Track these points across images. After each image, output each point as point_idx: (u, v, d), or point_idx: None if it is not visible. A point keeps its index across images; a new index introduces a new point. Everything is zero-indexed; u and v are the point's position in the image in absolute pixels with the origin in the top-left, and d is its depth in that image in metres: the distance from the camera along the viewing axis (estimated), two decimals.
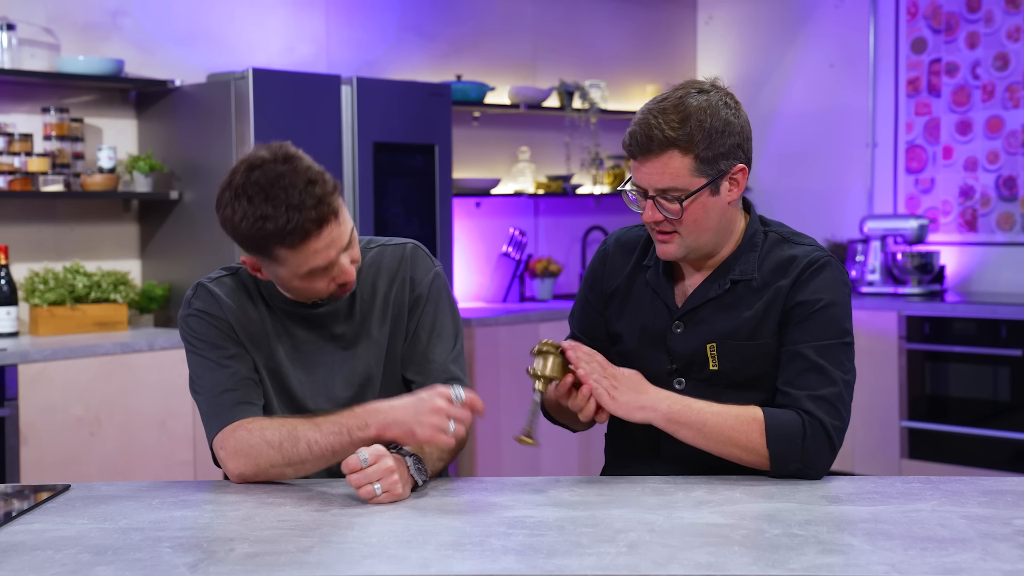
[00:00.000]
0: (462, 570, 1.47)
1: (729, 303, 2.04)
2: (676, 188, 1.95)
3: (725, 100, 1.97)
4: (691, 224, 1.98)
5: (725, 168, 1.97)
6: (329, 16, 5.06)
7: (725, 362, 2.03)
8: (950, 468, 4.98)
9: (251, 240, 1.94)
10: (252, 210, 1.90)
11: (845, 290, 2.03)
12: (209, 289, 2.09)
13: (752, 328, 2.01)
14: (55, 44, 4.27)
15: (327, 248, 1.94)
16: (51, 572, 1.48)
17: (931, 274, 5.47)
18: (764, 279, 2.03)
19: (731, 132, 1.96)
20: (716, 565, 1.48)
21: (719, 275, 2.06)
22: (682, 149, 1.93)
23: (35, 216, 4.24)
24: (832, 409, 1.96)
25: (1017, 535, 1.60)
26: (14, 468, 3.57)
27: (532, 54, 5.81)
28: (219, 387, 2.02)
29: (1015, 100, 5.45)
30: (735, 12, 6.43)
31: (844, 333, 2.00)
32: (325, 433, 1.90)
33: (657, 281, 2.11)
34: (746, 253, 2.05)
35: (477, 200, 5.54)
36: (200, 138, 4.27)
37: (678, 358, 2.06)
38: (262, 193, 1.89)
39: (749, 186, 6.25)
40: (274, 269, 1.99)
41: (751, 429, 1.92)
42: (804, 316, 1.98)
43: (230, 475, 1.98)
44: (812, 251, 2.03)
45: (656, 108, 1.96)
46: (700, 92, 1.97)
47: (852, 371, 2.01)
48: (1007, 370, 4.94)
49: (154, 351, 3.90)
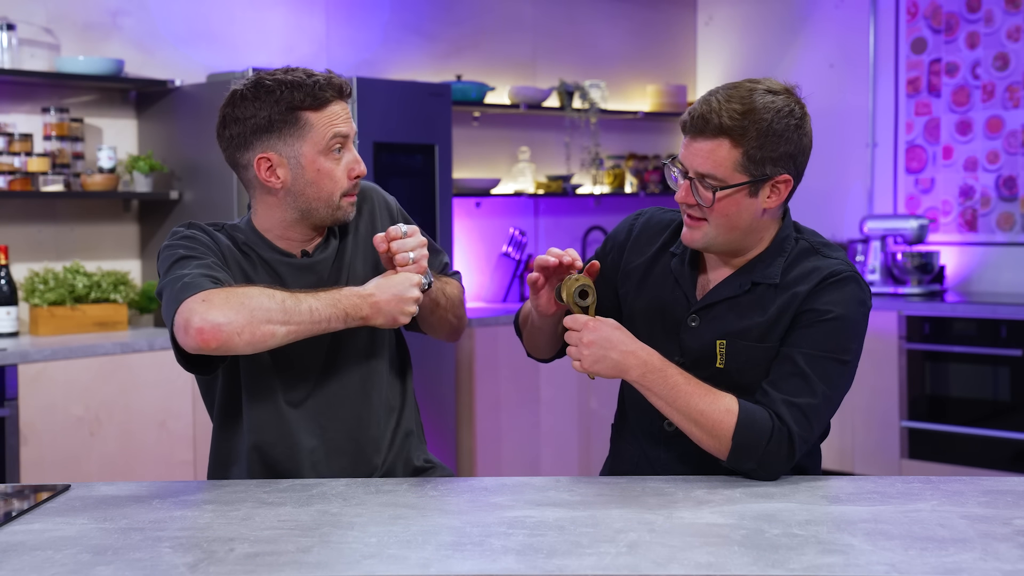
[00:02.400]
0: (462, 570, 1.47)
1: (746, 303, 2.01)
2: (715, 177, 1.92)
3: (792, 108, 1.94)
4: (720, 217, 1.95)
5: (771, 173, 1.94)
6: (329, 16, 5.06)
7: (732, 361, 2.01)
8: (950, 468, 4.98)
9: (278, 110, 2.00)
10: (276, 84, 2.01)
11: (861, 309, 1.98)
12: (203, 226, 2.09)
13: (763, 331, 1.99)
14: (55, 44, 4.27)
15: (347, 118, 2.05)
16: (51, 572, 1.48)
17: (931, 274, 5.47)
18: (785, 285, 1.99)
19: (788, 140, 1.93)
20: (716, 565, 1.48)
21: (742, 274, 2.03)
22: (733, 141, 1.91)
23: (35, 216, 4.24)
24: (803, 420, 1.91)
25: (1017, 535, 1.60)
26: (14, 468, 3.57)
27: (532, 54, 5.81)
28: (201, 270, 1.94)
29: (1015, 100, 5.45)
30: (735, 12, 6.43)
31: (843, 350, 1.95)
32: (324, 304, 1.94)
33: (681, 270, 2.08)
34: (774, 257, 2.01)
35: (477, 200, 5.54)
36: (200, 138, 4.27)
37: (688, 352, 2.04)
38: (281, 75, 2.03)
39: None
40: (297, 148, 2.02)
41: (723, 417, 1.89)
42: (809, 323, 1.95)
43: (200, 333, 1.83)
44: (837, 264, 1.99)
45: (723, 94, 1.93)
46: (770, 92, 1.94)
47: (840, 388, 1.96)
48: (1007, 370, 4.94)
49: (154, 351, 3.90)
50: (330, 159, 2.04)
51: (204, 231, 2.08)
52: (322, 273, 2.11)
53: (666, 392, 1.91)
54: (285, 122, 2.01)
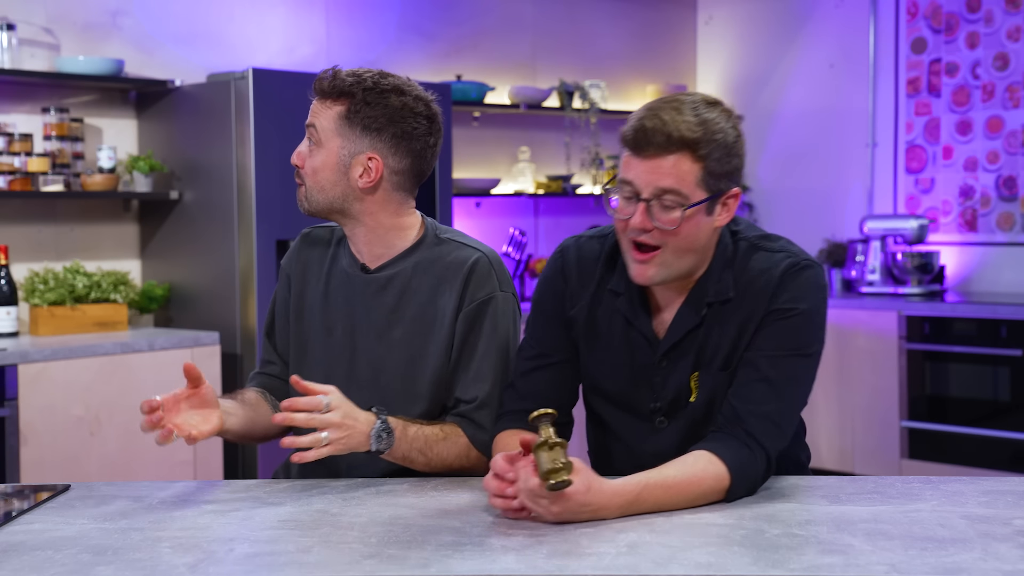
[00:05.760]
0: (462, 570, 1.47)
1: (708, 328, 1.91)
2: (679, 192, 1.80)
3: (733, 121, 1.86)
4: (681, 240, 1.83)
5: (724, 188, 1.84)
6: (329, 16, 5.06)
7: (702, 392, 1.92)
8: (950, 468, 4.98)
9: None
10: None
11: (821, 295, 1.90)
12: (305, 233, 2.26)
13: (728, 354, 1.90)
14: (55, 44, 4.27)
15: (314, 111, 2.08)
16: (51, 572, 1.48)
17: (931, 274, 5.47)
18: (741, 294, 1.89)
19: (737, 153, 1.85)
20: (716, 565, 1.48)
21: (695, 299, 1.91)
22: (695, 155, 1.79)
23: (35, 216, 4.24)
24: (776, 430, 1.84)
25: (1017, 535, 1.60)
26: (14, 468, 3.57)
27: (532, 54, 5.81)
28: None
29: (1015, 100, 5.45)
30: (735, 12, 6.43)
31: (807, 344, 1.87)
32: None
33: (633, 311, 1.95)
34: (721, 270, 1.91)
35: (477, 200, 5.54)
36: (200, 138, 4.27)
37: (662, 396, 1.95)
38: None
39: (750, 186, 6.31)
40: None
41: (713, 487, 1.76)
42: (773, 323, 1.87)
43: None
44: (786, 256, 1.90)
45: (670, 107, 1.81)
46: (709, 104, 1.84)
47: (806, 383, 1.89)
48: (1007, 370, 4.94)
49: (154, 351, 3.90)
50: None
51: (294, 247, 2.25)
52: (380, 295, 2.14)
53: (653, 508, 1.73)
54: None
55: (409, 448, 1.96)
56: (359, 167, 2.06)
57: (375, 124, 2.04)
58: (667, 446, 1.94)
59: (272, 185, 4.10)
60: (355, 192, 2.07)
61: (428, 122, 2.08)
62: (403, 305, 2.10)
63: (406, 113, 2.06)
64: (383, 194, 2.08)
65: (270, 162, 4.09)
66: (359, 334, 2.11)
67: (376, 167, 2.05)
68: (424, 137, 2.08)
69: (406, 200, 2.12)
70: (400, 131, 2.06)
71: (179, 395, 1.93)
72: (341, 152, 2.06)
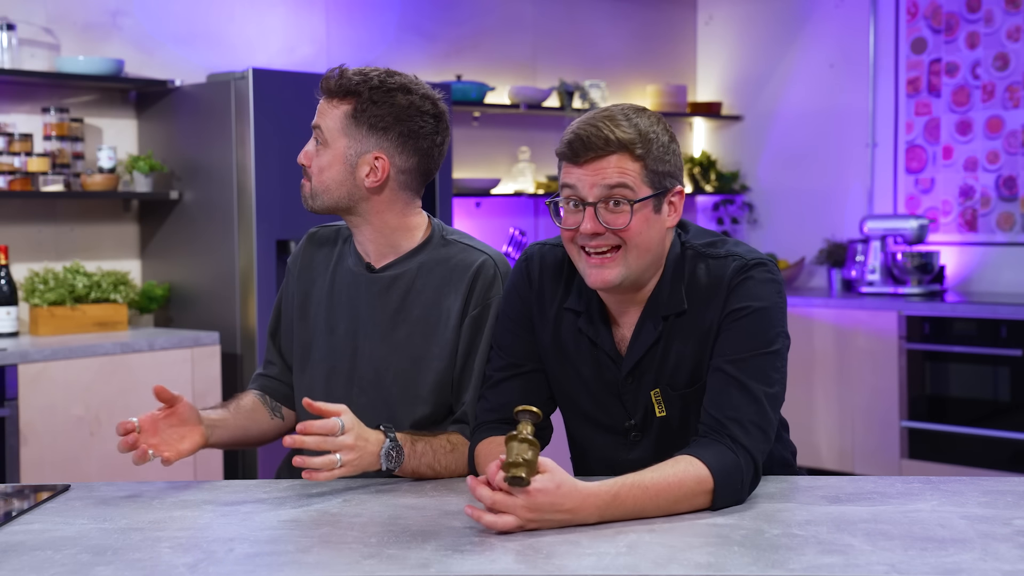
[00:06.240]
0: (462, 570, 1.47)
1: (666, 343, 1.91)
2: (627, 186, 1.82)
3: (664, 125, 1.89)
4: (636, 237, 1.84)
5: (668, 186, 1.87)
6: (329, 16, 5.06)
7: (670, 408, 1.93)
8: (950, 468, 4.97)
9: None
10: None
11: (775, 287, 1.88)
12: (311, 233, 2.26)
13: (692, 371, 1.90)
14: (55, 44, 4.27)
15: (320, 111, 2.08)
16: (51, 572, 1.48)
17: (931, 274, 5.47)
18: (695, 309, 1.89)
19: (674, 153, 1.88)
20: (716, 565, 1.48)
21: (651, 313, 1.92)
22: (634, 154, 1.83)
23: (35, 216, 4.24)
24: (759, 434, 1.82)
25: (1017, 535, 1.60)
26: (14, 468, 3.57)
27: (532, 54, 5.81)
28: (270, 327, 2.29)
29: (1015, 100, 5.45)
30: (735, 12, 6.43)
31: (769, 342, 1.85)
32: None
33: (594, 330, 1.95)
34: (673, 282, 1.91)
35: (477, 200, 5.54)
36: (200, 138, 4.27)
37: (635, 412, 1.96)
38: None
39: (749, 186, 6.31)
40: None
41: (695, 492, 1.74)
42: (729, 326, 1.86)
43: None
44: (732, 261, 1.89)
45: (601, 116, 1.85)
46: (639, 110, 1.88)
47: (778, 380, 1.87)
48: (1007, 370, 4.94)
49: (154, 351, 3.90)
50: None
51: (299, 248, 2.25)
52: (388, 292, 2.14)
53: (633, 512, 1.70)
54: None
55: (418, 463, 1.96)
56: (366, 166, 2.05)
57: (382, 123, 2.04)
58: (645, 458, 1.90)
59: (272, 185, 4.10)
60: (362, 192, 2.06)
61: (435, 120, 2.08)
62: (407, 305, 2.10)
63: (413, 112, 2.06)
64: (390, 193, 2.08)
65: (270, 162, 4.09)
66: (362, 333, 2.11)
67: (383, 166, 2.05)
68: (431, 136, 2.08)
69: (412, 200, 2.12)
70: (407, 130, 2.05)
71: (156, 415, 1.94)
72: (348, 152, 2.05)
